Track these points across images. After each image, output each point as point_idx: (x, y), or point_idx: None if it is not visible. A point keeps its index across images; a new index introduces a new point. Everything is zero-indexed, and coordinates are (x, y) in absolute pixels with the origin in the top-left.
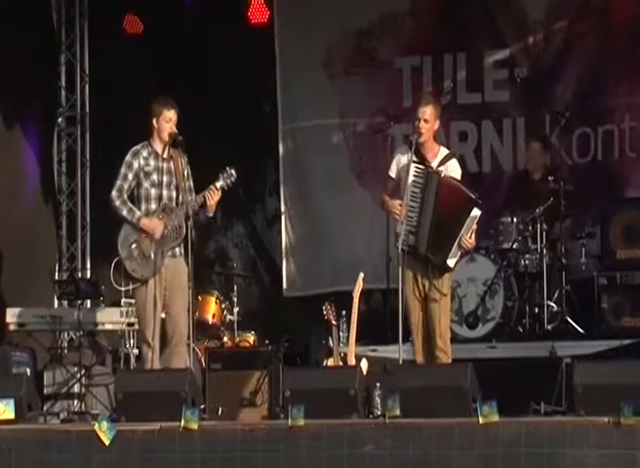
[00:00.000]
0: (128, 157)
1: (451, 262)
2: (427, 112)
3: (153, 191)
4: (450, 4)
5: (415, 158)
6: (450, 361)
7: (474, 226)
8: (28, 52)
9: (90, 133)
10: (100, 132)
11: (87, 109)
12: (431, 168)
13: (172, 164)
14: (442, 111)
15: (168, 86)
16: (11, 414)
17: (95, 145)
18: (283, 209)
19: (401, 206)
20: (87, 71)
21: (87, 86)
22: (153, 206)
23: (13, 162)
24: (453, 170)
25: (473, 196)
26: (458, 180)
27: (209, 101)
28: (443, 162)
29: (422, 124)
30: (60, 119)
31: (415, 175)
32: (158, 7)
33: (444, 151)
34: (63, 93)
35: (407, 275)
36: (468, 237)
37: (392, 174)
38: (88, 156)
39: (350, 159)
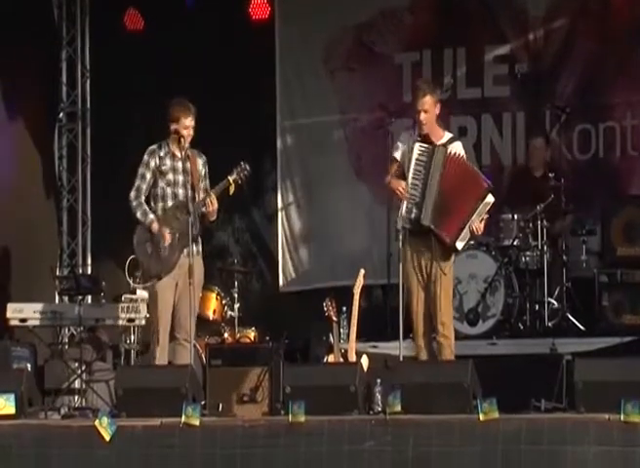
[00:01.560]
0: (145, 156)
1: (459, 245)
2: (427, 103)
3: (169, 190)
4: None
5: (419, 139)
6: (453, 347)
7: (485, 215)
8: (29, 48)
9: (91, 128)
10: (101, 127)
11: (88, 105)
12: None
13: (188, 164)
14: (442, 106)
15: (168, 82)
16: (11, 410)
17: (95, 141)
18: (281, 204)
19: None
20: (88, 67)
21: (88, 82)
22: (169, 203)
23: (14, 158)
24: (457, 151)
25: (487, 183)
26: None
27: (209, 97)
28: (448, 143)
29: (423, 115)
30: (60, 115)
31: (419, 154)
32: (159, 3)
33: (448, 134)
34: (64, 89)
35: (408, 256)
36: (479, 222)
37: (397, 155)
38: (89, 152)
39: (350, 155)
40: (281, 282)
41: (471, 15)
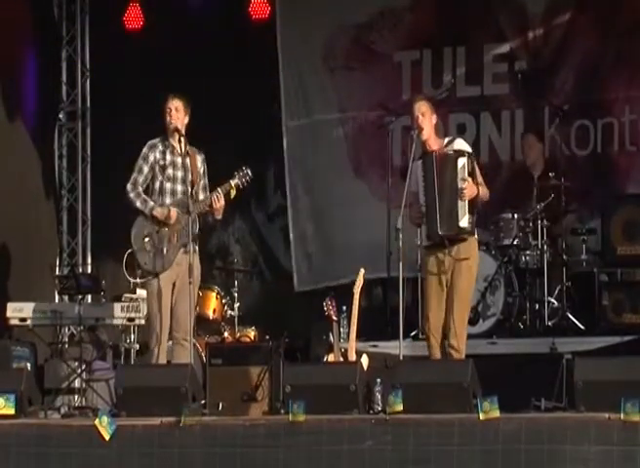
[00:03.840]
0: (144, 150)
1: (463, 223)
2: (422, 107)
3: (168, 185)
4: None
5: (422, 156)
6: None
7: (466, 175)
8: (29, 47)
9: (91, 128)
10: (101, 127)
11: (88, 104)
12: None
13: (188, 160)
14: (441, 104)
15: (168, 81)
16: (11, 409)
17: (95, 140)
18: (289, 204)
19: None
20: (88, 66)
21: (88, 81)
22: (167, 200)
23: (14, 158)
24: (459, 146)
25: (453, 151)
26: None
27: (209, 97)
28: (447, 145)
29: (421, 118)
30: (60, 114)
31: (421, 169)
32: (159, 2)
33: (448, 138)
34: (64, 88)
35: (430, 278)
36: (464, 185)
37: (408, 183)
38: (89, 151)
39: (350, 153)
40: (296, 282)
41: (471, 13)
